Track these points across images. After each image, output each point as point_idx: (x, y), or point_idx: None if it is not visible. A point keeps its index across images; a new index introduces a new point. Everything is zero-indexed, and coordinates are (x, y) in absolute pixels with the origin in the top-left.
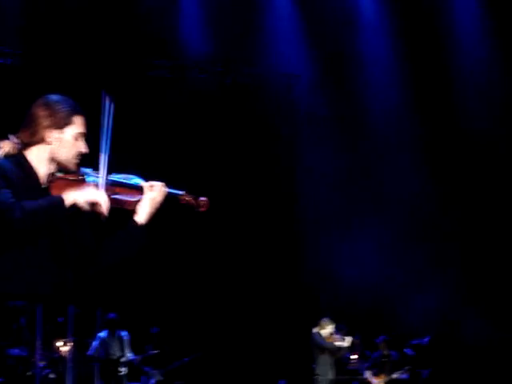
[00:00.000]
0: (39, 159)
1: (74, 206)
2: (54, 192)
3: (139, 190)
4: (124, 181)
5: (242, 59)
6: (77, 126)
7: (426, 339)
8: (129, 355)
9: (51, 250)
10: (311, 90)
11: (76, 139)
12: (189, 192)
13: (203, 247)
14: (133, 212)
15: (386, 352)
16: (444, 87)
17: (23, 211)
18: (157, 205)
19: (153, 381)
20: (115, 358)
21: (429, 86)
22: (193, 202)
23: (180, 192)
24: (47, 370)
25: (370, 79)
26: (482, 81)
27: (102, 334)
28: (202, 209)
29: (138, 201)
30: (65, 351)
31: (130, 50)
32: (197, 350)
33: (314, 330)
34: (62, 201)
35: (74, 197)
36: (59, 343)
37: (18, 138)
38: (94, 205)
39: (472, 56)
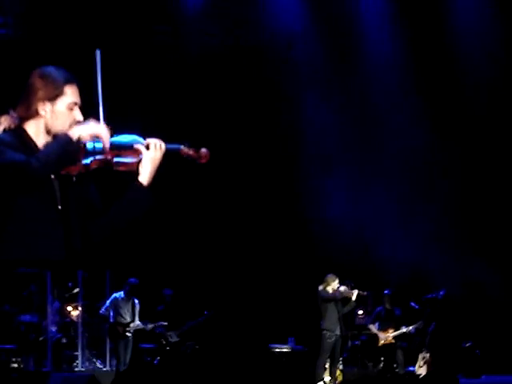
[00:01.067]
0: (37, 132)
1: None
2: None
3: (138, 149)
4: (123, 142)
5: (242, 20)
6: (69, 96)
7: (441, 293)
8: (138, 323)
9: (60, 217)
10: (312, 48)
11: (70, 109)
12: (189, 145)
13: (210, 207)
14: (136, 174)
15: (389, 306)
16: (443, 40)
17: (38, 159)
18: (157, 162)
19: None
20: (125, 322)
21: (428, 39)
22: (193, 154)
23: (179, 145)
24: (59, 335)
25: (370, 37)
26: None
27: (118, 295)
28: (203, 160)
29: (140, 161)
30: (75, 315)
31: (131, 15)
32: (208, 309)
33: (320, 287)
34: (69, 137)
35: (77, 132)
36: (69, 308)
37: (16, 112)
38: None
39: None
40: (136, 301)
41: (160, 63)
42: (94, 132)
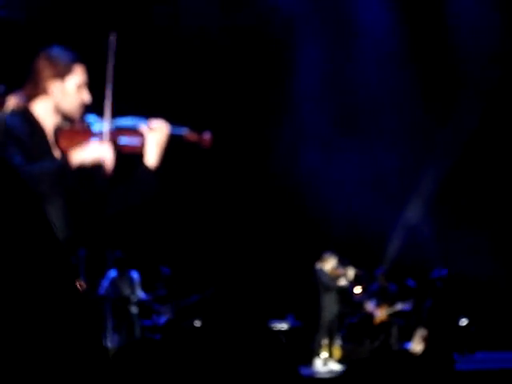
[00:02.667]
0: (45, 112)
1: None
2: (62, 144)
3: (142, 131)
4: (128, 124)
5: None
6: (78, 75)
7: (444, 271)
8: (140, 295)
9: (65, 208)
10: (309, 29)
11: (78, 88)
12: (192, 129)
13: (209, 184)
14: (141, 156)
15: (383, 284)
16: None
17: (29, 176)
18: (162, 144)
19: (163, 319)
20: (126, 297)
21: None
22: (196, 139)
23: (183, 130)
24: None
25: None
26: None
27: (112, 273)
28: (206, 145)
29: (144, 143)
30: None
31: None
32: (206, 287)
33: (317, 266)
34: (66, 163)
35: (80, 157)
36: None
37: (23, 91)
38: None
39: None
40: (134, 274)
41: (159, 44)
42: (98, 156)
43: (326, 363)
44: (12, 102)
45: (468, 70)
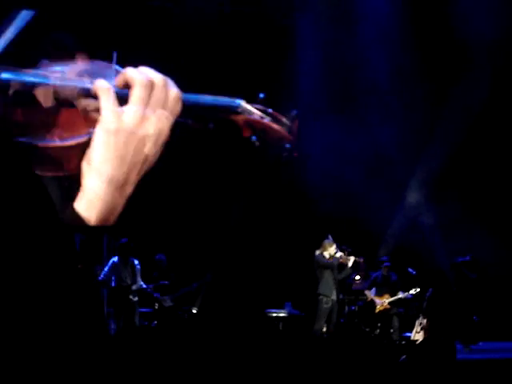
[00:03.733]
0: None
1: None
2: None
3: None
4: (46, 80)
5: None
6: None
7: (467, 257)
8: (140, 283)
9: (59, 187)
10: (312, 15)
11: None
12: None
13: (206, 171)
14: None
15: (385, 272)
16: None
17: None
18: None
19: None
20: (126, 284)
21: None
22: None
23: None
24: None
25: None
26: None
27: (114, 260)
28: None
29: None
30: None
31: None
32: (204, 275)
33: (317, 252)
34: None
35: None
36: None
37: None
38: None
39: None
40: (136, 261)
41: (158, 30)
42: None
43: None
44: None
45: (471, 50)
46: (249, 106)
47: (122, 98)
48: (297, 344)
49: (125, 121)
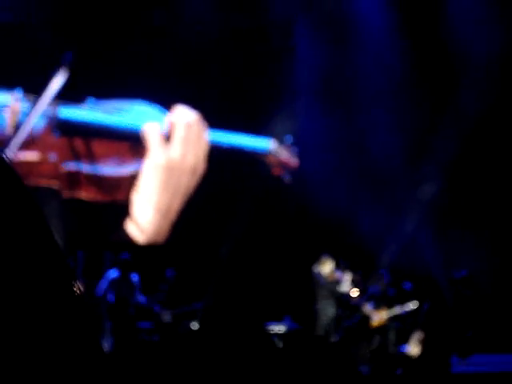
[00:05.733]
0: None
1: None
2: None
3: (140, 142)
4: (102, 118)
5: (240, 4)
6: None
7: (464, 272)
8: (139, 298)
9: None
10: (309, 33)
11: None
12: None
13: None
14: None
15: (383, 286)
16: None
17: None
18: (188, 179)
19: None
20: (125, 299)
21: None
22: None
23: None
24: None
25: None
26: None
27: (113, 275)
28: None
29: (137, 173)
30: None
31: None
32: (204, 290)
33: (315, 269)
34: None
35: None
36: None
37: None
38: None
39: None
40: (134, 276)
41: (157, 47)
42: None
43: None
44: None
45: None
46: (279, 150)
47: (167, 137)
48: (296, 358)
49: (171, 156)
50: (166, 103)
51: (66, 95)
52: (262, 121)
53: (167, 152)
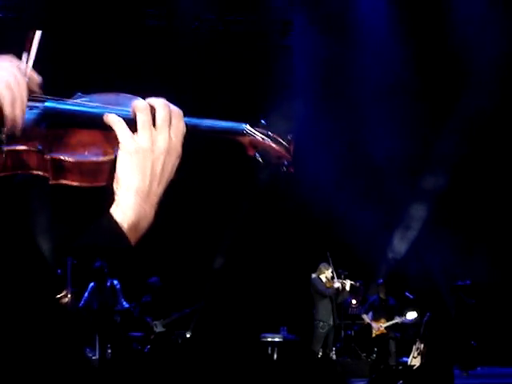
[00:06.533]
0: None
1: None
2: None
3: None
4: (82, 109)
5: (235, 6)
6: None
7: (467, 282)
8: (123, 304)
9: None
10: (305, 35)
11: None
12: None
13: (200, 193)
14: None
15: (383, 296)
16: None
17: None
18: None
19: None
20: (109, 306)
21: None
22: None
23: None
24: None
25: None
26: None
27: (94, 283)
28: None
29: (115, 159)
30: (64, 303)
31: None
32: (198, 299)
33: (313, 276)
34: None
35: None
36: (58, 295)
37: None
38: None
39: None
40: (115, 282)
41: (152, 46)
42: None
43: None
44: None
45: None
46: (252, 130)
47: (134, 125)
48: (292, 369)
49: (139, 142)
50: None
51: (55, 91)
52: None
53: (136, 138)
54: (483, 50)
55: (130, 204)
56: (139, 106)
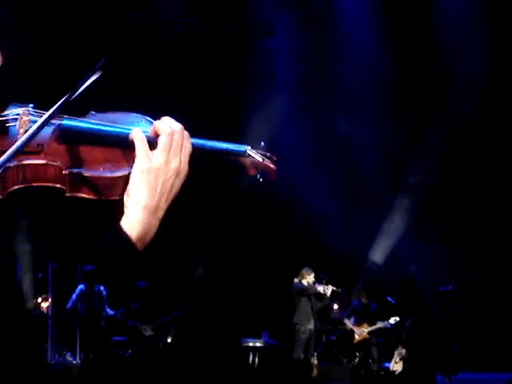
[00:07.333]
0: None
1: None
2: None
3: (131, 148)
4: (99, 127)
5: (217, 10)
6: None
7: (450, 287)
8: (107, 310)
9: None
10: (287, 37)
11: None
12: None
13: (185, 198)
14: (119, 204)
15: (365, 301)
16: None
17: None
18: (175, 180)
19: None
20: (96, 311)
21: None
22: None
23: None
24: None
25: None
26: None
27: (82, 287)
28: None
29: (129, 175)
30: (45, 307)
31: (105, 3)
32: (180, 304)
33: (295, 280)
34: None
35: None
36: (39, 299)
37: None
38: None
39: None
40: (102, 288)
41: (134, 50)
42: None
43: None
44: None
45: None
46: (254, 151)
47: (152, 144)
48: (273, 375)
49: (154, 162)
50: (150, 112)
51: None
52: (240, 124)
53: (151, 158)
54: (467, 48)
55: (138, 217)
56: (163, 128)
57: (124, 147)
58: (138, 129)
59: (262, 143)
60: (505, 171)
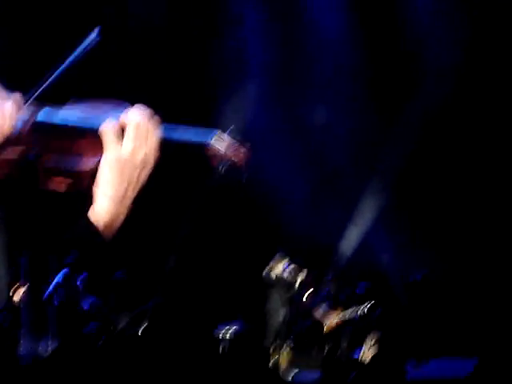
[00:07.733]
0: None
1: None
2: None
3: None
4: (72, 121)
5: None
6: None
7: (419, 276)
8: (84, 302)
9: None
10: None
11: None
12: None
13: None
14: (90, 194)
15: (333, 291)
16: None
17: None
18: (142, 166)
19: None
20: (73, 302)
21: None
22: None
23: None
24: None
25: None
26: None
27: (58, 277)
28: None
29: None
30: (18, 297)
31: None
32: (153, 293)
33: (265, 271)
34: None
35: None
36: (12, 289)
37: None
38: None
39: None
40: (78, 280)
41: (107, 44)
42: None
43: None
44: None
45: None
46: (219, 142)
47: (119, 136)
48: (244, 363)
49: (121, 153)
50: (123, 99)
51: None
52: (211, 113)
53: (118, 149)
54: (439, 34)
55: (105, 207)
56: (130, 120)
57: (95, 139)
58: (107, 121)
59: (232, 126)
60: (477, 158)
